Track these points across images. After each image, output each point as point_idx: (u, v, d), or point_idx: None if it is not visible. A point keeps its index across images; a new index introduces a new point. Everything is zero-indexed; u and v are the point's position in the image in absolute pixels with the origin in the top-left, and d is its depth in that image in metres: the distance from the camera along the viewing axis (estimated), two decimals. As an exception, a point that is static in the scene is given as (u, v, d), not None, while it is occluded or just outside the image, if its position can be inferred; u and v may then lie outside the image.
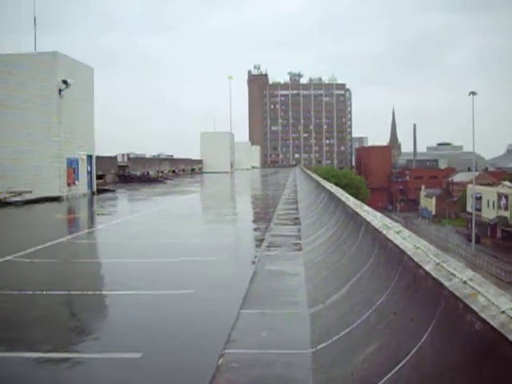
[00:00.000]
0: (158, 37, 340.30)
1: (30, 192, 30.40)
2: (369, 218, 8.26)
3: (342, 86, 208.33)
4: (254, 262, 10.99)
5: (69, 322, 7.68)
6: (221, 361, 5.51)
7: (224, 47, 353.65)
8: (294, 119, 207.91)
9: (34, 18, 35.66)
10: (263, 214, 22.47)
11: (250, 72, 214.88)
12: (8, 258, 11.93)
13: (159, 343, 6.33)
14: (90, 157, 36.09)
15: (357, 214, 9.45)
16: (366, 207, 10.20)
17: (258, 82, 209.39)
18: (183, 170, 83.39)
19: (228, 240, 15.19)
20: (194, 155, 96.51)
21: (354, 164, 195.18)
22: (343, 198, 12.78)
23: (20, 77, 32.04)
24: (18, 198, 29.59)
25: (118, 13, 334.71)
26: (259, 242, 13.85)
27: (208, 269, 10.81)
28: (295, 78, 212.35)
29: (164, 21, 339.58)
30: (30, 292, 8.93)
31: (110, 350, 6.04)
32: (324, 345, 5.65)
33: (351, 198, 12.78)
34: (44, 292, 8.91)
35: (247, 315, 7.15)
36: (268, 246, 12.81)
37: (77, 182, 33.66)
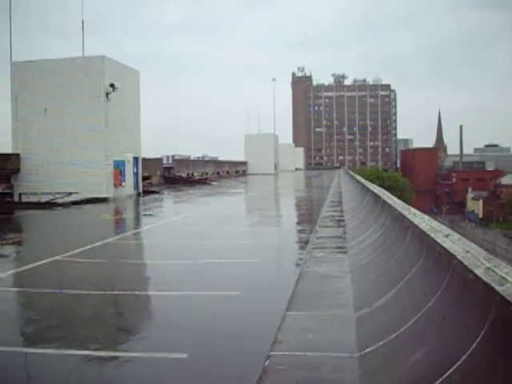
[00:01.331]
0: (201, 39, 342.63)
1: (78, 193, 31.01)
2: (416, 221, 8.14)
3: (386, 87, 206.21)
4: (299, 264, 10.97)
5: (116, 321, 7.78)
6: (267, 362, 5.51)
7: (267, 49, 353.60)
8: (339, 121, 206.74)
9: (82, 23, 36.32)
10: (308, 216, 22.40)
11: (293, 74, 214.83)
12: (56, 257, 12.19)
13: (205, 344, 6.37)
14: (136, 158, 36.62)
15: (404, 216, 9.34)
16: (413, 210, 10.06)
17: (301, 84, 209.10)
18: (227, 172, 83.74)
19: (273, 242, 15.18)
20: (238, 157, 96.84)
21: (398, 166, 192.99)
22: (389, 201, 12.65)
23: (69, 81, 32.74)
24: (66, 199, 30.20)
25: (160, 15, 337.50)
26: (304, 243, 13.81)
27: (253, 270, 10.83)
28: (339, 79, 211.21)
29: (208, 23, 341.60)
30: (78, 291, 9.11)
31: (157, 350, 6.10)
32: (371, 349, 5.59)
33: (398, 201, 12.64)
34: (91, 291, 9.07)
35: (293, 317, 7.14)
36: (313, 248, 12.76)
37: (123, 184, 34.18)
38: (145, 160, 40.40)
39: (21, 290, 9.97)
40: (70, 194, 31.45)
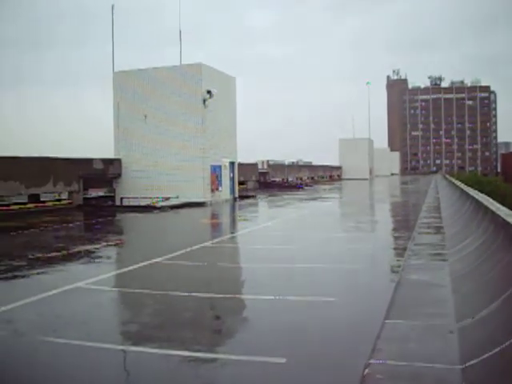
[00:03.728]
0: (293, 44, 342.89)
1: (177, 197, 31.87)
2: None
3: (486, 89, 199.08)
4: (397, 272, 10.79)
5: (214, 323, 7.92)
6: (366, 371, 5.46)
7: (360, 52, 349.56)
8: (435, 124, 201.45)
9: (180, 32, 37.31)
10: (404, 222, 21.97)
11: (388, 77, 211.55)
12: (156, 259, 12.57)
13: (303, 350, 6.37)
14: (232, 163, 37.19)
15: (508, 224, 8.99)
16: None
17: (397, 87, 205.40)
18: (322, 177, 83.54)
19: (369, 247, 14.99)
20: (333, 162, 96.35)
21: (499, 170, 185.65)
22: (492, 207, 12.21)
23: (167, 88, 33.73)
24: (164, 203, 31.07)
25: (252, 22, 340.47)
26: (402, 250, 13.56)
27: (350, 276, 10.76)
28: (436, 81, 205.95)
29: (298, 27, 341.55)
30: (178, 293, 9.35)
31: (255, 354, 6.16)
32: (474, 362, 5.40)
33: (501, 207, 12.17)
34: (190, 294, 9.27)
35: (392, 325, 7.03)
36: (411, 255, 12.50)
37: (220, 188, 34.79)
38: (240, 165, 40.95)
39: (122, 290, 10.35)
40: (168, 198, 32.37)
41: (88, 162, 32.44)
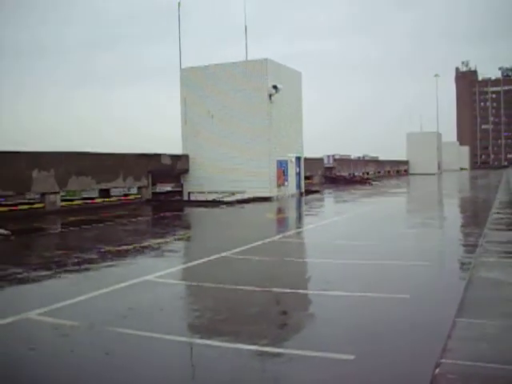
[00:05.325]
0: (355, 36, 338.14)
1: (243, 192, 32.05)
2: None
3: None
4: (467, 269, 10.51)
5: (281, 318, 7.91)
6: (437, 370, 5.33)
7: (427, 44, 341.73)
8: (507, 117, 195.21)
9: (245, 27, 37.49)
10: (475, 219, 21.42)
11: (457, 69, 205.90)
12: (223, 254, 12.68)
13: (372, 347, 6.28)
14: (298, 158, 37.13)
15: None
16: None
17: (466, 79, 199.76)
18: (388, 172, 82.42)
19: (438, 244, 14.68)
20: (400, 156, 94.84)
21: None
22: None
23: (233, 84, 33.96)
24: (231, 198, 31.32)
25: (314, 16, 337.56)
26: (472, 247, 13.19)
27: (418, 273, 10.55)
28: (507, 72, 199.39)
29: (363, 21, 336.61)
30: (245, 287, 9.39)
31: (322, 350, 6.10)
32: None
33: None
34: (257, 288, 9.30)
35: (463, 324, 6.84)
36: (483, 253, 12.16)
37: (286, 183, 34.81)
38: (306, 160, 40.82)
39: (190, 284, 10.47)
40: (234, 193, 32.60)
41: (156, 157, 33.00)
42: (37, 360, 6.14)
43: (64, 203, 26.27)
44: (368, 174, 70.77)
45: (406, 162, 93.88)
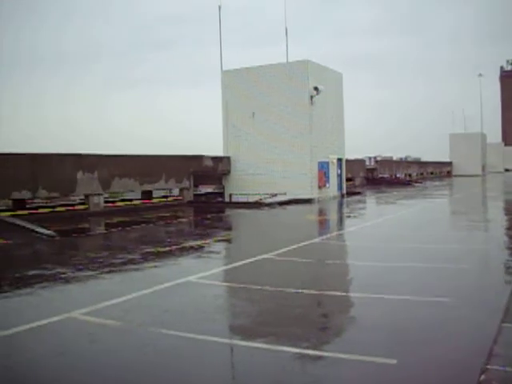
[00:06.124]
0: (396, 38, 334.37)
1: (285, 194, 32.05)
2: None
3: None
4: (514, 273, 10.30)
5: (322, 321, 7.85)
6: (483, 377, 5.22)
7: (470, 43, 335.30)
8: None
9: (286, 29, 37.47)
10: (522, 221, 20.96)
11: (501, 68, 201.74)
12: (265, 255, 12.68)
13: (414, 351, 6.18)
14: (339, 160, 36.95)
15: None
16: None
17: (511, 78, 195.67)
18: (431, 173, 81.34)
19: (481, 248, 14.36)
20: (442, 157, 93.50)
21: None
22: None
23: (274, 86, 34.00)
24: (272, 200, 31.33)
25: (354, 16, 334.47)
26: (519, 251, 12.95)
27: (463, 277, 10.35)
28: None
29: (403, 22, 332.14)
30: (286, 289, 9.37)
31: (364, 353, 6.03)
32: None
33: None
34: (298, 290, 9.28)
35: (510, 329, 6.71)
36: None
37: (327, 185, 34.66)
38: (348, 161, 40.60)
39: (232, 285, 10.47)
40: (276, 194, 32.62)
41: (198, 159, 33.21)
42: (81, 358, 6.22)
43: (107, 204, 26.66)
44: (410, 175, 69.98)
45: (449, 164, 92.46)
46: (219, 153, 35.92)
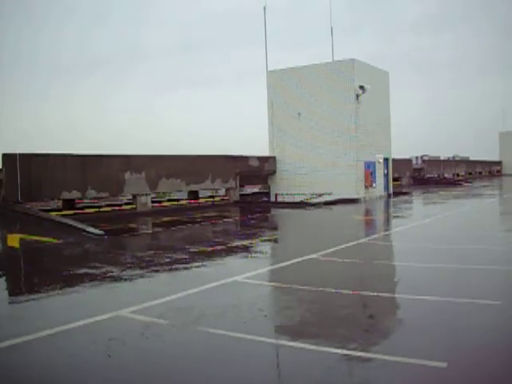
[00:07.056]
0: (441, 34, 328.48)
1: (330, 194, 31.93)
2: None
3: None
4: None
5: (370, 322, 7.78)
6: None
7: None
8: None
9: (331, 29, 37.26)
10: None
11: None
12: (312, 255, 12.65)
13: (465, 355, 6.06)
14: (386, 160, 36.61)
15: None
16: None
17: None
18: (480, 173, 79.87)
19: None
20: (492, 157, 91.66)
21: None
22: None
23: (320, 85, 33.93)
24: (318, 200, 31.24)
25: (396, 14, 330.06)
26: None
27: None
28: None
29: (444, 19, 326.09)
30: (334, 290, 9.32)
31: (413, 356, 5.94)
32: None
33: None
34: (346, 291, 9.22)
35: None
36: None
37: (374, 185, 34.38)
38: (395, 161, 40.19)
39: (278, 285, 10.44)
40: (321, 194, 32.52)
41: (244, 159, 33.34)
42: (127, 356, 6.31)
43: (154, 204, 27.01)
44: (458, 175, 68.84)
45: (498, 163, 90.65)
46: (265, 152, 36.02)
